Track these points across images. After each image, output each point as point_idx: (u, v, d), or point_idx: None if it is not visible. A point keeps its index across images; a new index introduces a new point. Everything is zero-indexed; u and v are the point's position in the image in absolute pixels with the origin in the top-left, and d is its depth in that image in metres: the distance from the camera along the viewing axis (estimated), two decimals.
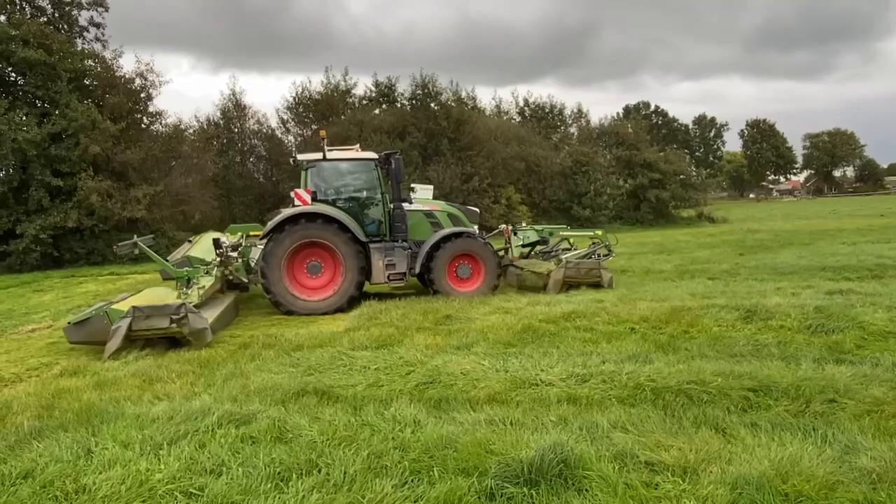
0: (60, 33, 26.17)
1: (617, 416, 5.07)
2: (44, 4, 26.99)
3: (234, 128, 36.88)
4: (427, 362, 6.92)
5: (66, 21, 27.32)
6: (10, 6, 25.57)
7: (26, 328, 11.21)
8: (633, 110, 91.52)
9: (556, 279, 12.46)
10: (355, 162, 12.88)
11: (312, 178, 12.42)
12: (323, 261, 11.98)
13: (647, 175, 44.81)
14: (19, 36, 23.86)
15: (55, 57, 24.46)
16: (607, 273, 12.63)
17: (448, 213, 13.16)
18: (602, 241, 13.87)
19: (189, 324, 8.52)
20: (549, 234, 14.82)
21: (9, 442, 4.86)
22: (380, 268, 12.20)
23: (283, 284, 11.59)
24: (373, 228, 12.54)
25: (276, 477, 4.15)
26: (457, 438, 4.64)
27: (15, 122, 23.30)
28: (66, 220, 23.41)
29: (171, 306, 8.62)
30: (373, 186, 12.69)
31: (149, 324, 8.42)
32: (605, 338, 7.90)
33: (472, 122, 38.92)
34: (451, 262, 12.47)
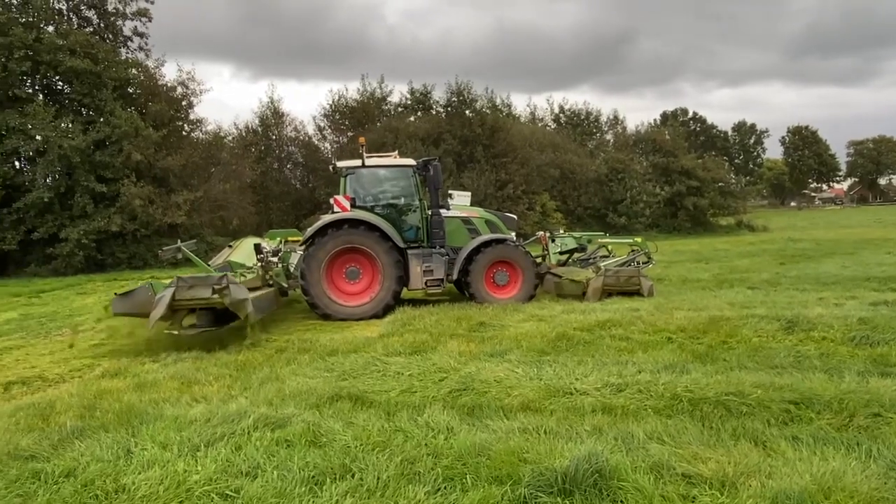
0: (106, 43, 26.95)
1: (653, 427, 4.98)
2: (90, 15, 27.88)
3: (272, 135, 37.47)
4: (460, 369, 6.90)
5: (111, 31, 28.13)
6: (59, 17, 26.42)
7: (69, 330, 11.49)
8: (670, 117, 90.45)
9: (595, 287, 12.30)
10: (393, 169, 12.94)
11: (351, 185, 12.53)
12: (362, 267, 12.06)
13: (685, 182, 44.20)
14: (67, 46, 24.62)
15: (100, 66, 25.19)
16: (647, 281, 12.45)
17: (486, 219, 13.13)
18: (641, 248, 13.68)
19: (230, 294, 8.70)
20: (587, 241, 14.65)
21: (52, 441, 4.97)
22: (417, 274, 12.22)
23: (322, 288, 11.69)
24: (410, 235, 12.58)
25: (310, 481, 4.18)
26: (490, 446, 4.61)
27: (61, 129, 24.02)
28: (110, 224, 24.03)
29: (213, 277, 8.88)
30: (411, 193, 12.75)
31: (192, 293, 8.65)
32: (641, 347, 7.79)
33: (506, 128, 38.89)
34: (488, 268, 12.42)
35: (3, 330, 11.74)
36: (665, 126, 61.18)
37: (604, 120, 53.26)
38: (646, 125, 53.62)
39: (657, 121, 58.97)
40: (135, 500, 3.96)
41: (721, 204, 46.03)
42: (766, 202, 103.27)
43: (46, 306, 15.21)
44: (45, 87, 26.91)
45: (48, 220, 24.10)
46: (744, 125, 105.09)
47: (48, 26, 25.71)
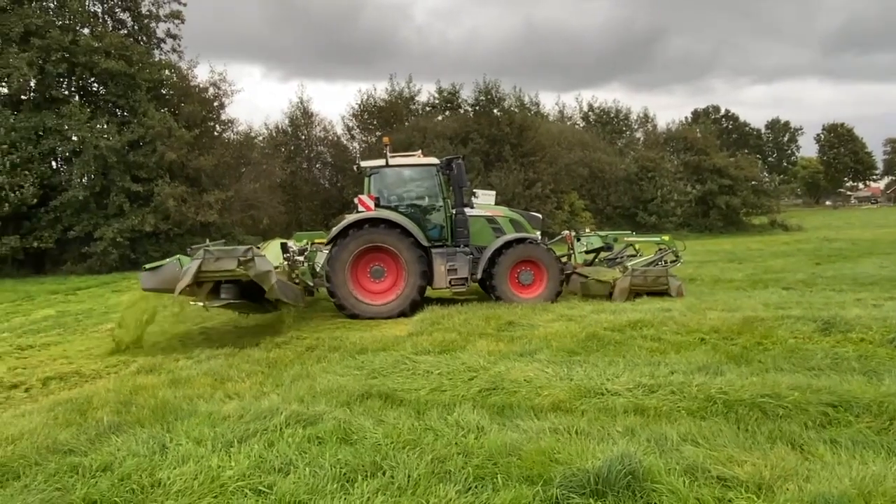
0: (140, 45, 27.41)
1: (687, 429, 4.92)
2: (124, 18, 28.36)
3: (302, 135, 37.82)
4: (490, 368, 6.88)
5: (144, 33, 28.60)
6: (94, 20, 26.93)
7: (106, 326, 11.72)
8: (701, 114, 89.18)
9: (623, 287, 12.16)
10: (417, 168, 12.97)
11: (375, 185, 12.58)
12: (386, 265, 12.10)
13: (717, 181, 43.62)
14: (102, 48, 25.09)
15: (135, 67, 25.63)
16: (675, 281, 12.27)
17: (510, 218, 13.07)
18: (669, 246, 13.48)
19: (255, 266, 8.86)
20: (613, 240, 14.47)
21: (89, 436, 5.07)
22: (441, 273, 12.22)
23: (348, 288, 11.76)
24: (435, 234, 12.59)
25: (341, 478, 4.20)
26: (521, 446, 4.59)
27: (97, 129, 24.49)
28: (144, 223, 24.44)
29: (238, 249, 9.07)
30: (435, 192, 12.76)
31: (217, 265, 8.86)
32: (674, 348, 7.69)
33: (534, 127, 38.74)
34: (512, 268, 12.35)
35: (41, 326, 12.01)
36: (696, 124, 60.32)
37: (633, 118, 52.85)
38: (676, 123, 53.02)
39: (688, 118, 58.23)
40: (170, 494, 4.02)
41: (754, 203, 45.31)
42: (801, 201, 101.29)
43: (83, 303, 15.53)
44: (81, 88, 27.45)
45: (84, 219, 24.59)
46: (777, 123, 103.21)
47: (84, 29, 26.22)
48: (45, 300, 16.54)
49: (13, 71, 23.13)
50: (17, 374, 8.23)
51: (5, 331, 11.63)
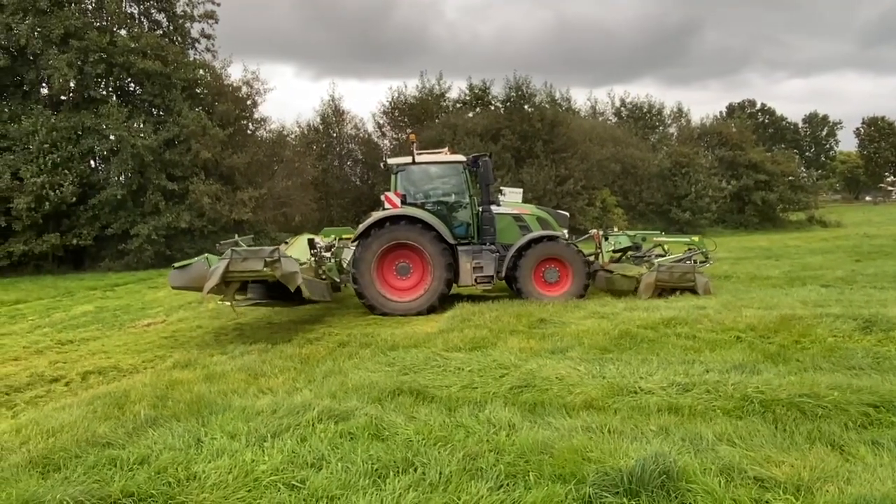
0: (175, 45, 27.83)
1: (722, 429, 4.84)
2: (160, 18, 28.83)
3: (333, 133, 38.05)
4: (521, 366, 6.85)
5: (179, 33, 29.03)
6: (130, 21, 27.44)
7: (142, 322, 11.96)
8: (736, 109, 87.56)
9: (648, 283, 11.98)
10: (444, 165, 13.00)
11: (402, 182, 12.63)
12: (411, 262, 12.14)
13: (753, 176, 42.82)
14: (138, 48, 25.54)
15: (170, 67, 26.04)
16: (702, 277, 12.06)
17: (537, 216, 13.02)
18: (699, 247, 13.25)
19: (281, 267, 8.96)
20: (641, 239, 14.30)
21: (127, 429, 5.17)
22: (467, 270, 12.22)
23: (375, 287, 11.82)
24: (461, 231, 12.60)
25: (373, 473, 4.22)
26: (553, 444, 4.56)
27: (134, 129, 24.96)
28: (179, 221, 24.85)
29: (265, 250, 9.18)
30: (461, 189, 12.77)
31: (245, 265, 8.97)
32: (709, 346, 7.56)
33: (566, 123, 38.42)
34: (537, 265, 12.29)
35: (80, 322, 12.29)
36: (731, 118, 59.22)
37: (667, 113, 51.93)
38: (711, 118, 52.02)
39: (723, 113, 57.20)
40: (205, 488, 4.07)
41: (791, 198, 44.40)
42: (840, 197, 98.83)
43: (120, 299, 15.85)
44: (118, 88, 27.98)
45: (121, 217, 25.08)
46: (815, 117, 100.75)
47: (121, 30, 26.72)
48: (85, 296, 16.91)
49: (53, 72, 23.68)
50: (57, 368, 8.44)
51: (46, 326, 11.93)
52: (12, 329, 11.74)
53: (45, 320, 12.68)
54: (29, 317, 13.28)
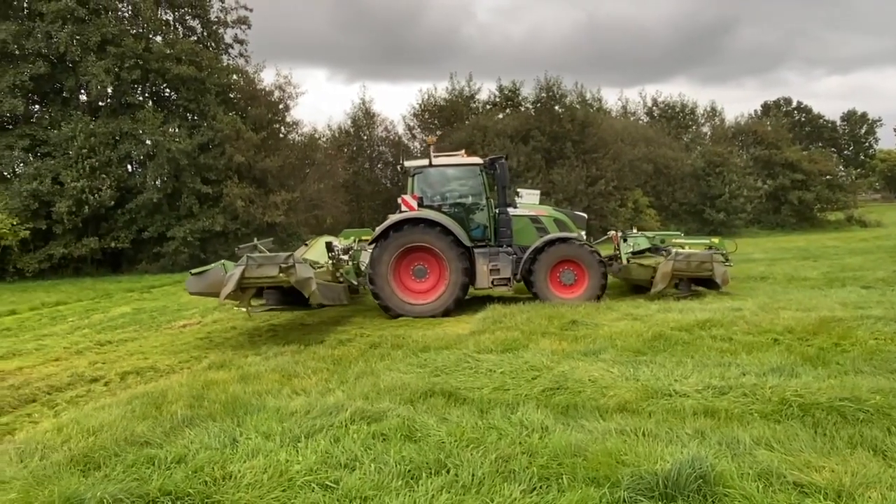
0: (209, 51, 28.29)
1: (760, 432, 4.75)
2: (194, 24, 29.33)
3: (364, 135, 38.28)
4: (553, 368, 6.81)
5: (213, 39, 29.50)
6: (166, 27, 27.96)
7: (178, 323, 12.16)
8: (772, 107, 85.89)
9: (665, 272, 11.83)
10: (461, 167, 13.01)
11: (419, 184, 12.67)
12: (428, 264, 12.15)
13: (789, 176, 41.99)
14: (173, 54, 26.03)
15: (204, 73, 26.48)
16: (720, 267, 11.84)
17: (554, 217, 12.97)
18: (718, 248, 13.06)
19: (296, 273, 9.05)
20: (660, 240, 14.16)
21: (164, 428, 5.25)
22: (484, 273, 12.20)
23: (391, 289, 11.85)
24: (478, 233, 12.62)
25: (406, 474, 4.23)
26: (586, 447, 4.52)
27: (169, 133, 25.44)
28: (213, 224, 25.25)
29: (280, 256, 9.25)
30: (478, 192, 12.78)
31: (260, 272, 9.07)
32: (745, 348, 7.43)
33: (597, 123, 38.12)
34: (553, 267, 12.23)
35: (118, 323, 12.54)
36: (767, 117, 58.13)
37: (700, 112, 51.10)
38: (746, 117, 51.10)
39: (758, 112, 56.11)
40: (241, 487, 4.12)
41: (829, 198, 43.41)
42: (880, 196, 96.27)
43: (157, 301, 16.14)
44: (154, 94, 28.53)
45: (157, 220, 25.56)
46: (854, 114, 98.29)
47: (156, 36, 27.25)
48: (122, 298, 17.26)
49: (92, 78, 24.24)
50: (96, 368, 8.63)
51: (86, 327, 12.20)
52: (53, 330, 12.03)
53: (84, 321, 12.97)
54: (69, 318, 13.61)
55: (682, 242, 14.05)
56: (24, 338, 11.23)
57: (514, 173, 34.82)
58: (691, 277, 12.05)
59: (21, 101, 24.34)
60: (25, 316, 14.32)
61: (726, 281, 11.85)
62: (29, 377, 8.18)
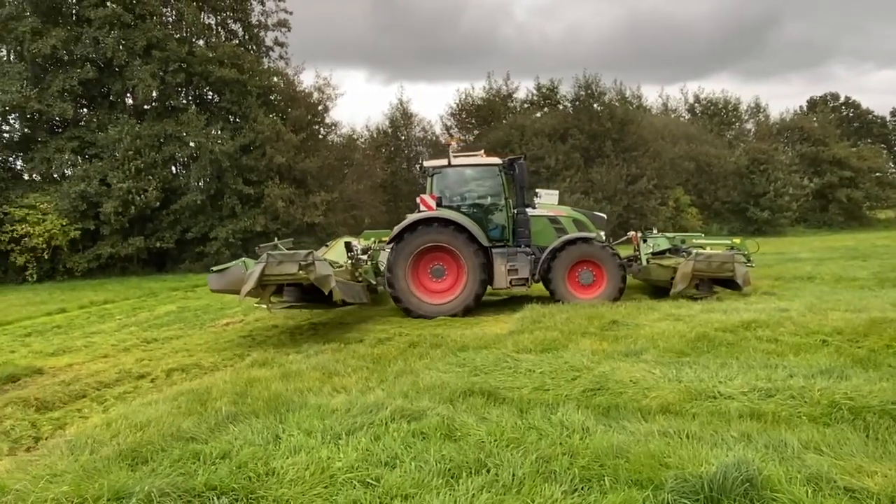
0: (250, 53, 28.77)
1: (809, 436, 4.62)
2: (236, 28, 29.87)
3: (401, 135, 38.50)
4: (594, 368, 6.74)
5: (254, 42, 30.00)
6: (208, 31, 28.53)
7: (221, 322, 12.39)
8: (818, 103, 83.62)
9: (684, 272, 11.66)
10: (479, 168, 13.01)
11: (438, 185, 12.67)
12: (446, 264, 12.16)
13: (837, 173, 40.94)
14: (216, 58, 26.53)
15: (246, 75, 26.94)
16: (742, 267, 11.63)
17: (573, 218, 12.93)
18: (740, 249, 12.80)
19: (315, 270, 9.11)
20: (681, 241, 13.97)
21: (209, 424, 5.34)
22: (502, 272, 12.18)
23: (409, 289, 11.87)
24: (496, 233, 12.60)
25: (446, 473, 4.23)
26: (628, 448, 4.46)
27: (212, 135, 25.95)
28: (255, 224, 25.67)
29: (300, 254, 9.33)
30: (497, 192, 12.76)
31: (280, 269, 9.16)
32: (792, 350, 7.25)
33: (637, 121, 37.69)
34: (571, 267, 12.17)
35: (163, 321, 12.83)
36: (813, 113, 56.61)
37: (743, 108, 50.09)
38: (791, 113, 49.89)
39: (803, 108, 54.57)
40: (284, 483, 4.17)
41: (879, 196, 42.24)
42: None
43: (200, 300, 16.46)
44: (197, 96, 29.14)
45: (200, 221, 26.10)
46: None
47: (199, 40, 27.82)
48: (167, 297, 17.65)
49: (138, 82, 24.87)
50: (143, 365, 8.84)
51: (132, 325, 12.51)
52: (101, 328, 12.36)
53: (131, 319, 13.31)
54: (116, 316, 13.97)
55: (703, 243, 13.86)
56: (74, 335, 11.56)
57: (551, 172, 34.66)
58: (712, 278, 11.89)
59: (70, 105, 25.09)
60: (75, 314, 14.75)
61: (747, 282, 11.70)
62: (79, 373, 8.42)
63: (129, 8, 25.43)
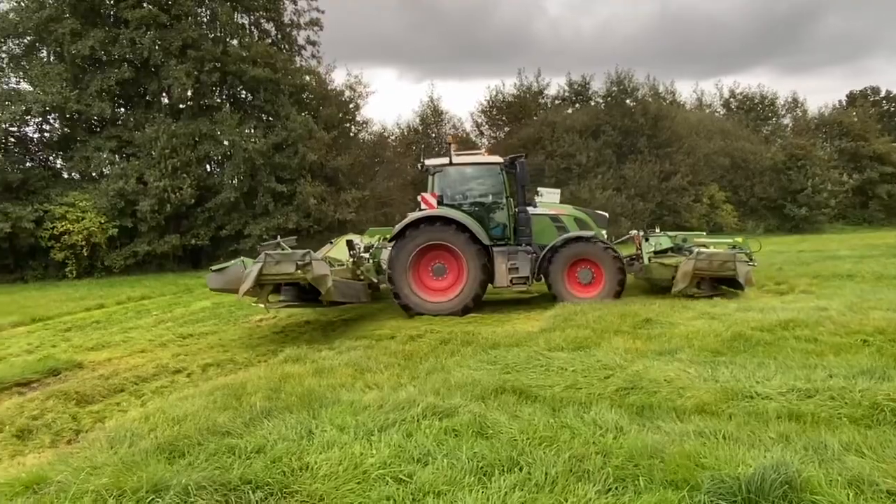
0: (282, 53, 29.07)
1: (850, 438, 4.51)
2: (269, 27, 30.20)
3: (432, 133, 38.53)
4: (627, 367, 6.66)
5: (287, 41, 30.31)
6: (242, 31, 28.89)
7: (255, 318, 12.55)
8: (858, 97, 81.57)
9: (685, 271, 11.60)
10: (480, 166, 12.99)
11: (439, 183, 12.65)
12: (447, 262, 12.14)
13: (878, 169, 39.96)
14: (249, 57, 26.86)
15: (278, 74, 27.22)
16: (744, 266, 11.52)
17: (574, 216, 12.87)
18: (741, 248, 12.59)
19: (312, 270, 9.17)
20: (682, 240, 13.85)
21: (244, 419, 5.41)
22: (503, 271, 12.16)
23: (410, 287, 11.86)
24: (497, 232, 12.57)
25: (478, 471, 4.21)
26: (663, 448, 4.40)
27: (245, 134, 26.29)
28: (287, 221, 25.94)
29: (297, 253, 9.37)
30: (498, 191, 12.73)
31: (277, 269, 9.23)
32: (832, 350, 7.08)
33: (671, 117, 37.18)
34: (570, 266, 12.13)
35: (199, 317, 13.04)
36: (853, 107, 55.26)
37: (780, 103, 49.04)
38: (830, 107, 48.71)
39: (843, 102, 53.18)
40: (317, 478, 4.20)
41: None
42: None
43: (233, 296, 16.64)
44: (231, 96, 29.54)
45: (234, 218, 26.47)
46: None
47: (233, 40, 28.20)
48: (202, 293, 17.89)
49: (174, 82, 25.30)
50: (179, 360, 9.00)
51: (169, 320, 12.74)
52: (138, 323, 12.61)
53: (167, 315, 13.55)
54: (153, 312, 14.24)
55: (705, 242, 13.76)
56: (112, 330, 11.81)
57: (582, 169, 34.37)
58: (713, 277, 11.84)
59: (108, 105, 25.64)
60: (113, 310, 15.08)
61: (749, 281, 11.64)
62: (117, 368, 8.60)
63: (164, 8, 25.88)
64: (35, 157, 28.05)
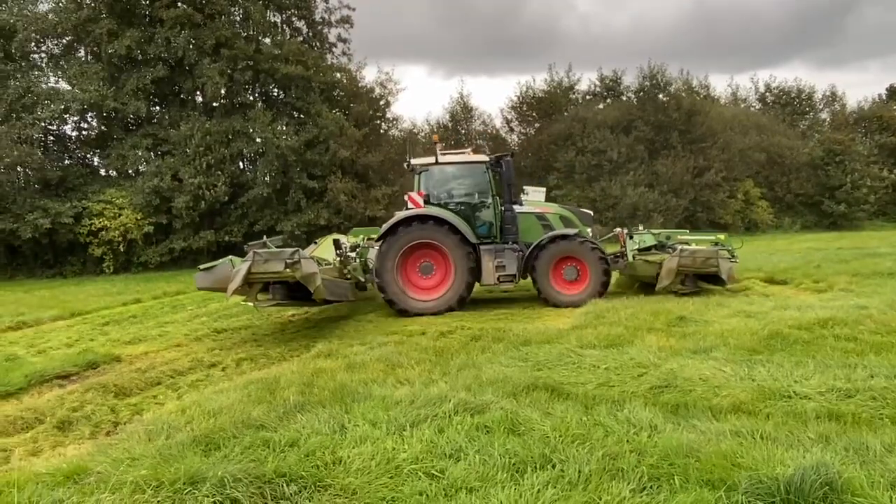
0: (314, 50, 29.29)
1: (892, 439, 4.40)
2: (300, 25, 30.45)
3: (461, 129, 38.46)
4: (661, 365, 6.59)
5: (318, 39, 30.54)
6: (274, 29, 29.17)
7: (287, 313, 12.67)
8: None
9: (670, 268, 11.70)
10: (467, 165, 13.00)
11: (425, 182, 12.65)
12: (434, 261, 12.15)
13: None
14: (281, 55, 27.12)
15: (310, 72, 27.43)
16: (726, 263, 11.59)
17: (560, 215, 12.84)
18: (724, 245, 12.49)
19: (301, 268, 9.13)
20: (666, 238, 13.81)
21: (278, 413, 5.47)
22: (490, 269, 12.17)
23: (397, 285, 11.87)
24: (484, 230, 12.56)
25: (511, 468, 4.20)
26: (699, 448, 4.34)
27: (278, 131, 26.56)
28: (318, 218, 26.17)
29: (286, 252, 9.34)
30: (484, 189, 12.73)
31: (266, 267, 9.19)
32: (873, 349, 6.91)
33: (704, 112, 36.56)
34: (555, 264, 12.14)
35: (232, 312, 13.20)
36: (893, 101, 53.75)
37: (818, 97, 47.86)
38: (869, 101, 47.40)
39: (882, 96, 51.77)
40: (350, 472, 4.23)
41: None
42: None
43: None
44: (264, 93, 29.86)
45: (266, 214, 26.79)
46: None
47: (265, 38, 28.50)
48: None
49: (207, 80, 25.65)
50: (214, 354, 9.14)
51: (203, 315, 12.93)
52: (174, 318, 12.82)
53: (202, 310, 13.76)
54: (188, 307, 14.47)
55: (688, 239, 13.81)
56: (149, 325, 12.03)
57: (614, 165, 34.02)
58: (696, 273, 11.96)
59: (144, 103, 26.11)
60: (149, 304, 15.36)
61: (732, 277, 11.78)
62: (154, 361, 8.77)
63: (198, 8, 26.24)
64: (73, 155, 28.75)
